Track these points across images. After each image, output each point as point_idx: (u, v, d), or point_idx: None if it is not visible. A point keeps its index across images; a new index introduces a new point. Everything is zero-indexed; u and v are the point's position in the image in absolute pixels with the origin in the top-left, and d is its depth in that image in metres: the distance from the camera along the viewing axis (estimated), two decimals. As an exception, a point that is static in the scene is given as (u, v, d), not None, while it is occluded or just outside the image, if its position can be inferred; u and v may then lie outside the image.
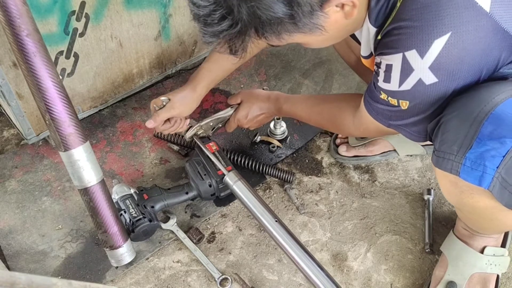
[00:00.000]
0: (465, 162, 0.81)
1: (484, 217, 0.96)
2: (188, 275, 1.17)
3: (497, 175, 0.78)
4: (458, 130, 0.82)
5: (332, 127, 1.22)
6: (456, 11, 0.78)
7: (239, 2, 0.74)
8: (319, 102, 1.22)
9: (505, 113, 0.79)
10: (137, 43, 1.38)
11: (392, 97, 0.91)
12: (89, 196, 1.06)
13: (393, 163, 1.40)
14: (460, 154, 0.81)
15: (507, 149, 0.77)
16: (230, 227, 1.27)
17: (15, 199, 1.29)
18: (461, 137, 0.81)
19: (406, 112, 0.92)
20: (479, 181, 0.80)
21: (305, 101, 1.25)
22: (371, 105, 0.99)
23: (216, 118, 1.29)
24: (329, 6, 0.79)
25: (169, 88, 1.61)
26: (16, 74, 1.16)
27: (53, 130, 1.01)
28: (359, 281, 1.16)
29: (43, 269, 1.16)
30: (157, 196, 1.22)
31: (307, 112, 1.22)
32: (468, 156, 0.80)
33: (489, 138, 0.78)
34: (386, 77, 0.89)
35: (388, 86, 0.90)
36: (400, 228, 1.26)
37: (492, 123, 0.79)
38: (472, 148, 0.80)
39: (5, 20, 0.93)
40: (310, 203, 1.31)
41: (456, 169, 0.83)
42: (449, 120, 0.84)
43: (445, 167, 0.85)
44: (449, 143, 0.83)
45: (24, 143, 1.42)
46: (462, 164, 0.81)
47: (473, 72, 0.84)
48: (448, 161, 0.84)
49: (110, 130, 1.47)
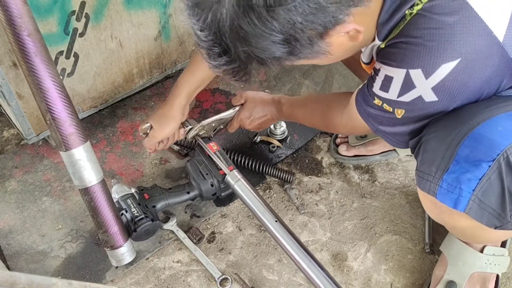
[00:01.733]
0: (442, 184, 0.81)
1: (466, 234, 0.99)
2: (188, 275, 1.17)
3: (474, 197, 0.79)
4: (436, 151, 0.83)
5: (323, 125, 1.20)
6: (470, 39, 0.77)
7: (234, 45, 0.72)
8: (313, 102, 1.22)
9: (482, 135, 0.79)
10: (137, 43, 1.38)
11: (388, 104, 0.90)
12: (90, 196, 1.06)
13: (393, 163, 1.40)
14: (437, 175, 0.82)
15: (483, 173, 0.77)
16: (230, 227, 1.27)
17: (15, 199, 1.29)
18: (439, 158, 0.82)
19: (399, 120, 0.91)
20: (454, 204, 0.81)
21: (302, 102, 1.25)
22: (362, 107, 0.98)
23: (219, 119, 1.29)
24: (330, 37, 0.76)
25: (169, 88, 1.61)
26: (16, 74, 1.16)
27: (54, 130, 1.01)
28: (359, 281, 1.16)
29: (43, 269, 1.16)
30: (158, 195, 1.22)
31: (303, 113, 1.22)
32: (445, 178, 0.81)
33: (465, 161, 0.79)
34: (384, 86, 0.88)
35: (385, 95, 0.89)
36: (400, 228, 1.26)
37: (469, 146, 0.79)
38: (449, 170, 0.80)
39: (5, 20, 0.93)
40: (310, 203, 1.31)
41: (433, 191, 0.83)
42: (428, 140, 0.85)
43: (423, 187, 0.85)
44: (428, 164, 0.84)
45: (24, 143, 1.42)
46: (439, 186, 0.82)
47: (474, 95, 0.84)
48: (427, 181, 0.84)
49: (110, 130, 1.47)
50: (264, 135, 1.46)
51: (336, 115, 1.12)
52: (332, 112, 1.13)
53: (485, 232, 0.91)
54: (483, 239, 1.04)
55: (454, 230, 1.03)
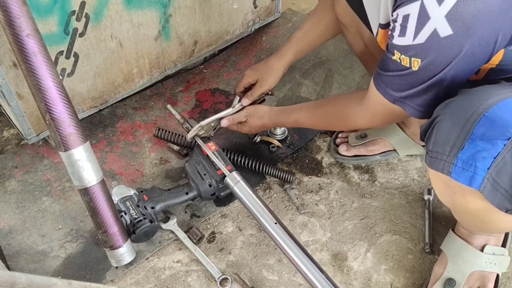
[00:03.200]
0: (457, 162, 0.81)
1: (477, 218, 0.97)
2: (188, 275, 1.17)
3: (488, 176, 0.78)
4: (451, 131, 0.83)
5: (338, 122, 1.20)
6: None
7: None
8: (322, 104, 1.22)
9: (498, 115, 0.79)
10: (137, 43, 1.38)
11: (405, 53, 0.89)
12: (89, 196, 1.06)
13: (393, 163, 1.40)
14: (452, 154, 0.82)
15: (498, 151, 0.77)
16: (230, 227, 1.27)
17: (15, 199, 1.29)
18: (453, 137, 0.82)
19: (416, 74, 0.90)
20: (469, 182, 0.81)
21: (306, 107, 1.25)
22: (380, 77, 0.97)
23: (218, 118, 1.29)
24: None
25: (169, 88, 1.61)
26: (16, 74, 1.16)
27: (53, 130, 1.01)
28: (359, 281, 1.16)
29: (43, 269, 1.16)
30: (157, 197, 1.22)
31: (310, 117, 1.22)
32: (460, 157, 0.81)
33: (480, 139, 0.79)
34: (401, 31, 0.87)
35: (402, 41, 0.88)
36: (400, 228, 1.26)
37: (484, 125, 0.79)
38: (464, 149, 0.80)
39: (5, 20, 0.93)
40: (310, 203, 1.31)
41: (447, 169, 0.83)
42: (442, 121, 0.85)
43: (437, 167, 0.85)
44: (442, 144, 0.84)
45: (24, 143, 1.42)
46: (454, 164, 0.82)
47: (489, 31, 0.82)
48: (440, 161, 0.84)
49: (110, 130, 1.47)
50: (264, 135, 1.46)
51: (353, 107, 1.11)
52: (348, 105, 1.13)
53: (495, 217, 0.90)
54: (492, 225, 1.00)
55: (464, 215, 1.01)
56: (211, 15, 1.52)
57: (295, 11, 1.86)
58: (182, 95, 1.60)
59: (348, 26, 1.23)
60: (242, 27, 1.66)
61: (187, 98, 1.59)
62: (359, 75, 1.62)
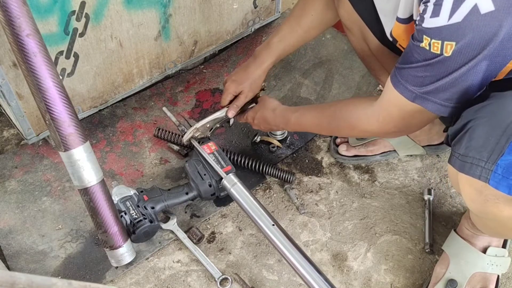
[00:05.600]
0: (496, 169, 0.78)
1: (506, 226, 0.94)
2: (188, 275, 1.17)
3: None
4: (488, 136, 0.79)
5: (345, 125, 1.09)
6: None
7: None
8: (330, 106, 1.15)
9: None
10: (137, 43, 1.38)
11: (436, 37, 0.80)
12: (89, 196, 1.06)
13: (393, 163, 1.40)
14: (491, 160, 0.78)
15: None
16: (230, 227, 1.27)
17: (15, 199, 1.29)
18: (492, 143, 0.78)
19: (447, 62, 0.82)
20: (509, 190, 0.78)
21: (314, 107, 1.20)
22: (400, 72, 0.89)
23: (213, 119, 1.28)
24: None
25: (169, 88, 1.61)
26: (16, 74, 1.16)
27: (53, 130, 1.01)
28: (359, 281, 1.16)
29: (43, 269, 1.16)
30: (157, 197, 1.22)
31: (318, 118, 1.15)
32: (499, 163, 0.77)
33: None
34: (435, 10, 0.79)
35: (435, 22, 0.80)
36: (400, 228, 1.26)
37: None
38: (504, 155, 0.77)
39: (5, 20, 0.93)
40: (310, 203, 1.31)
41: (485, 176, 0.79)
42: (478, 126, 0.80)
43: (473, 173, 0.81)
44: (478, 149, 0.80)
45: (24, 143, 1.42)
46: (493, 171, 0.78)
47: None
48: (477, 167, 0.80)
49: (110, 130, 1.47)
50: (264, 135, 1.46)
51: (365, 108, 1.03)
52: (358, 107, 1.05)
53: None
54: None
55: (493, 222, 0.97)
56: (211, 15, 1.52)
57: (295, 11, 1.86)
58: (182, 95, 1.60)
59: (352, 30, 1.19)
60: (242, 27, 1.66)
61: (187, 98, 1.59)
62: (359, 75, 1.62)
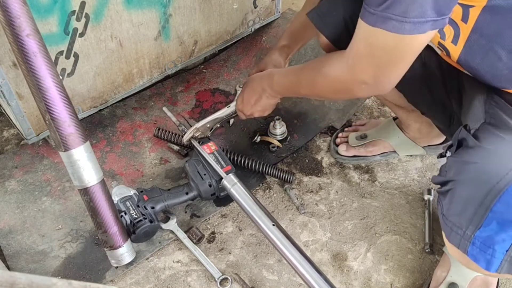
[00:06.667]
0: (474, 241, 0.78)
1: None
2: (188, 275, 1.17)
3: (507, 257, 0.77)
4: (468, 203, 0.78)
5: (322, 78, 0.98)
6: None
7: None
8: (307, 64, 1.07)
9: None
10: (137, 43, 1.38)
11: None
12: (89, 196, 1.06)
13: (393, 163, 1.40)
14: (469, 231, 0.79)
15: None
16: (230, 227, 1.27)
17: (15, 199, 1.29)
18: (470, 212, 0.78)
19: None
20: (486, 265, 0.78)
21: (294, 69, 1.11)
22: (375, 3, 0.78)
23: (213, 119, 1.28)
24: None
25: (169, 88, 1.61)
26: (16, 74, 1.16)
27: (53, 130, 1.01)
28: (359, 281, 1.16)
29: (43, 269, 1.16)
30: (157, 197, 1.22)
31: (296, 77, 1.07)
32: (477, 236, 0.77)
33: (500, 218, 0.75)
34: None
35: None
36: (400, 228, 1.26)
37: (504, 203, 0.75)
38: (482, 227, 0.77)
39: (5, 20, 0.93)
40: (310, 203, 1.31)
41: (464, 247, 0.80)
42: (457, 190, 0.80)
43: (452, 240, 0.82)
44: (457, 216, 0.80)
45: (24, 143, 1.42)
46: (471, 243, 0.79)
47: None
48: (456, 235, 0.81)
49: (110, 130, 1.47)
50: (264, 135, 1.46)
51: (338, 56, 0.94)
52: (334, 56, 0.96)
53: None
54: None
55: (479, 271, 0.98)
56: (211, 15, 1.52)
57: (295, 11, 1.86)
58: (182, 95, 1.60)
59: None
60: (242, 27, 1.66)
61: (187, 98, 1.59)
62: (359, 75, 1.62)
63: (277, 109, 1.50)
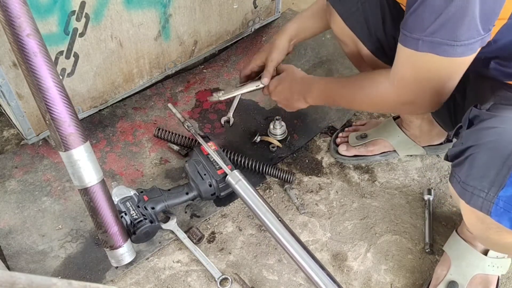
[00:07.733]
0: (498, 202, 0.77)
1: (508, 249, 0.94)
2: (188, 275, 1.17)
3: None
4: (489, 165, 0.78)
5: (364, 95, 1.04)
6: None
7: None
8: (354, 77, 1.12)
9: None
10: (137, 43, 1.38)
11: None
12: (89, 196, 1.06)
13: (393, 163, 1.40)
14: (492, 192, 0.77)
15: None
16: (230, 227, 1.27)
17: (15, 199, 1.29)
18: (492, 173, 0.77)
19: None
20: (511, 224, 0.77)
21: (338, 79, 1.18)
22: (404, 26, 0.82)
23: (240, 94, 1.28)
24: None
25: (169, 88, 1.61)
26: (16, 74, 1.16)
27: (53, 130, 1.01)
28: (359, 281, 1.16)
29: (43, 269, 1.16)
30: (157, 197, 1.22)
31: (334, 93, 1.12)
32: (501, 196, 0.76)
33: None
34: None
35: None
36: (400, 228, 1.26)
37: None
38: (505, 187, 0.76)
39: (5, 20, 0.93)
40: (310, 203, 1.31)
41: (487, 208, 0.79)
42: (478, 154, 0.79)
43: (474, 204, 0.81)
44: (479, 179, 0.79)
45: (24, 143, 1.42)
46: (494, 204, 0.77)
47: None
48: (478, 198, 0.79)
49: (110, 130, 1.47)
50: (264, 135, 1.46)
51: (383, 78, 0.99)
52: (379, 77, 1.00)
53: None
54: None
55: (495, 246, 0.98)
56: (211, 15, 1.52)
57: (295, 11, 1.86)
58: (182, 95, 1.60)
59: (345, 42, 1.18)
60: (242, 27, 1.66)
61: (187, 98, 1.59)
62: (359, 75, 1.62)
63: (277, 109, 1.51)
